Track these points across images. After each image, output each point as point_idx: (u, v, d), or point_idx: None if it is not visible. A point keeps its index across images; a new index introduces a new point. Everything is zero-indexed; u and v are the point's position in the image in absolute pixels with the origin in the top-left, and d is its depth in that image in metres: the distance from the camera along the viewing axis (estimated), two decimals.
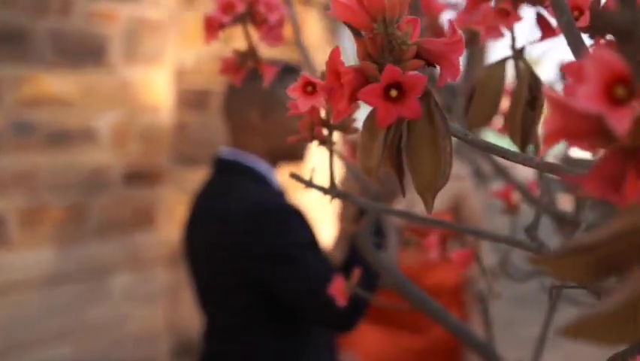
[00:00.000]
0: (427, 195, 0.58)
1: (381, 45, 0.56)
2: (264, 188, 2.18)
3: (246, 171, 2.18)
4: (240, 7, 1.02)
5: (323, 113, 0.81)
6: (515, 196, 1.30)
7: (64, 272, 4.01)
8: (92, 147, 4.14)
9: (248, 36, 1.05)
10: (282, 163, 2.25)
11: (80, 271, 4.09)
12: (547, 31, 0.86)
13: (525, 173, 2.55)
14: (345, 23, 0.57)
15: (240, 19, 1.03)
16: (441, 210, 3.05)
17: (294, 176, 0.82)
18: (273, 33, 1.04)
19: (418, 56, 0.57)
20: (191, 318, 4.65)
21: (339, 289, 1.21)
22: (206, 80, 4.64)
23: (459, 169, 2.99)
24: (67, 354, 4.06)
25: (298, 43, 1.22)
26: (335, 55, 0.56)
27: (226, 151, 2.25)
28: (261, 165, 2.20)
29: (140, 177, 4.45)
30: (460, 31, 0.56)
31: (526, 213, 1.35)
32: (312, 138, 0.81)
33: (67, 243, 4.05)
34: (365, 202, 0.81)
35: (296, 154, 2.25)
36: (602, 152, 0.45)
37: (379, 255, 1.13)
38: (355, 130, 0.81)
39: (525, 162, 0.62)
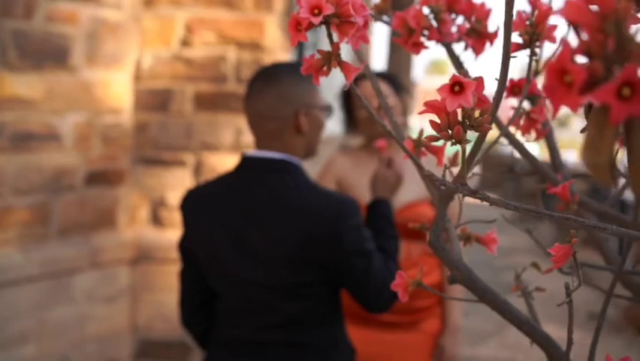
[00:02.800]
0: None
1: (604, 44, 0.58)
2: (318, 184, 2.21)
3: (296, 169, 2.19)
4: (328, 8, 1.02)
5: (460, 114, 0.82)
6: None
7: (27, 273, 3.96)
8: (55, 148, 4.10)
9: (331, 37, 1.05)
10: (303, 159, 2.29)
11: (42, 272, 4.04)
12: None
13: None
14: (570, 23, 0.59)
15: (326, 21, 1.03)
16: (419, 199, 3.08)
17: (428, 176, 0.82)
18: (359, 34, 1.04)
19: None
20: (153, 318, 4.62)
21: (402, 285, 1.21)
22: (166, 82, 4.61)
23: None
24: (29, 355, 4.00)
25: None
26: (565, 53, 0.57)
27: (268, 151, 2.23)
28: (299, 162, 2.23)
29: (102, 178, 4.42)
30: None
31: None
32: (448, 138, 0.81)
33: (30, 244, 4.00)
34: (502, 201, 0.82)
35: (315, 150, 2.30)
36: None
37: (450, 252, 1.13)
38: (490, 128, 0.82)
39: None
